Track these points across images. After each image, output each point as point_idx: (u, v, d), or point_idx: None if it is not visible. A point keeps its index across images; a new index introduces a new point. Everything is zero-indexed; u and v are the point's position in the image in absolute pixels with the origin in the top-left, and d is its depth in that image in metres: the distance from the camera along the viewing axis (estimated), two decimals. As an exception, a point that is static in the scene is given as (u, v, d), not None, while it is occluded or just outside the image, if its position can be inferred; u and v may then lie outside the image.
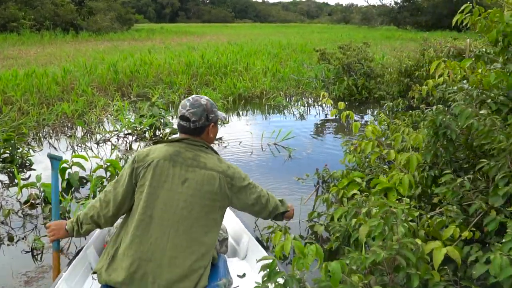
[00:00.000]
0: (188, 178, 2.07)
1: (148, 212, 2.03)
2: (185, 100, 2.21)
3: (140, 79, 10.45)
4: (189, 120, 2.14)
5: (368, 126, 3.79)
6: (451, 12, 40.76)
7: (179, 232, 2.01)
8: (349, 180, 3.62)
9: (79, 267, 2.36)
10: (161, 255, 1.97)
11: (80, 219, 2.21)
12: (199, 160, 2.12)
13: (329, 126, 7.91)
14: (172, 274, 1.95)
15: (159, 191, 2.05)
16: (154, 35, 30.15)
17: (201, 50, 15.64)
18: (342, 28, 48.85)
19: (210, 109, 2.21)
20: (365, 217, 2.59)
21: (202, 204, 2.06)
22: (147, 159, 2.11)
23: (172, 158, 2.09)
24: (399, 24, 45.08)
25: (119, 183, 2.15)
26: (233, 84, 9.87)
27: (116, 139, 6.55)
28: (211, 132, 2.25)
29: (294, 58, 14.08)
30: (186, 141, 2.17)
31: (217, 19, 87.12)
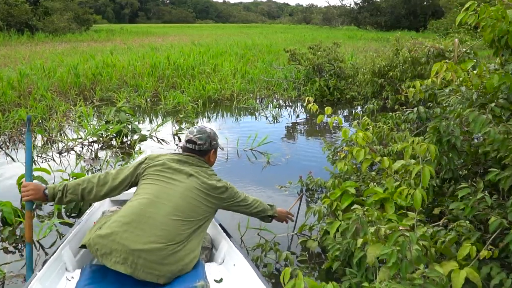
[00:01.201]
0: (192, 174, 2.42)
1: (150, 191, 2.30)
2: (192, 128, 2.66)
3: (103, 82, 9.91)
4: (195, 143, 2.57)
5: (359, 132, 3.57)
6: (408, 13, 42.07)
7: (170, 214, 2.21)
8: (342, 190, 3.38)
9: (53, 267, 2.32)
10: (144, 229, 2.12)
11: (68, 188, 2.41)
12: (202, 167, 2.52)
13: (303, 128, 7.70)
14: (144, 245, 2.07)
15: (165, 178, 2.37)
16: (114, 36, 29.19)
17: (165, 51, 15.16)
18: (304, 28, 49.11)
19: (213, 137, 2.65)
20: (372, 237, 2.35)
21: (199, 197, 2.37)
22: (157, 158, 2.50)
23: (180, 161, 2.49)
24: (359, 24, 45.77)
25: (123, 170, 2.49)
26: (202, 86, 9.50)
27: (80, 147, 6.09)
28: (211, 157, 2.67)
29: (262, 59, 13.82)
30: (192, 155, 2.55)
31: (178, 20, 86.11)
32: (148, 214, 2.18)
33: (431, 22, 35.07)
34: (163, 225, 2.15)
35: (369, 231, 2.31)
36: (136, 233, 2.09)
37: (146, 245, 2.05)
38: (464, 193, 2.31)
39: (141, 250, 2.04)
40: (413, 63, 7.17)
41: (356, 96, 9.28)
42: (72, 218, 3.90)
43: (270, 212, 2.95)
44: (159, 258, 2.07)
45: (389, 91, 7.72)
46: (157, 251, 2.06)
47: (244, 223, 3.60)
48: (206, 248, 2.68)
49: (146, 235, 2.09)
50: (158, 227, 2.14)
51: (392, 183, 3.33)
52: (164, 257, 2.08)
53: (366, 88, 8.42)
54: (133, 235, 2.08)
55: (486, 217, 2.28)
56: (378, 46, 20.25)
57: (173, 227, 2.18)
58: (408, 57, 7.11)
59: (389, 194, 3.18)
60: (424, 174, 2.18)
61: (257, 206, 2.83)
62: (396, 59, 7.57)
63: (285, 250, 3.34)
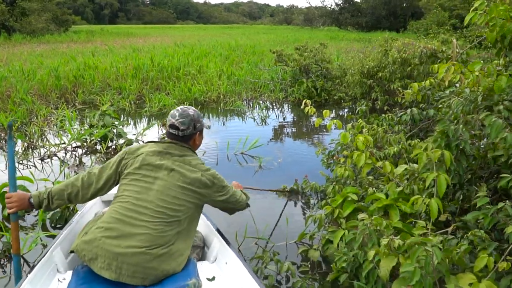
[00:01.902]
0: (173, 169, 2.25)
1: (131, 194, 2.18)
2: (174, 111, 2.40)
3: (85, 85, 9.60)
4: (178, 128, 2.35)
5: (359, 136, 3.45)
6: (389, 14, 42.48)
7: (151, 217, 2.10)
8: (343, 197, 3.25)
9: (44, 268, 2.27)
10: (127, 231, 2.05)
11: (53, 194, 2.31)
12: (184, 158, 2.32)
13: (293, 130, 7.58)
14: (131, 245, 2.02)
15: (145, 177, 2.23)
16: (94, 37, 28.66)
17: (148, 52, 14.88)
18: (285, 29, 49.14)
19: (197, 119, 2.41)
20: (384, 249, 2.23)
21: (181, 194, 2.21)
22: (137, 152, 2.33)
23: (161, 153, 2.30)
24: (340, 25, 46.01)
25: (105, 169, 2.35)
26: (188, 88, 9.30)
27: (63, 153, 5.85)
28: (197, 140, 2.48)
29: (247, 60, 13.67)
30: (174, 143, 2.36)
31: (158, 21, 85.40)
32: (128, 218, 2.11)
33: (411, 23, 35.44)
34: (144, 228, 2.08)
35: (381, 243, 2.18)
36: (118, 238, 2.04)
37: (129, 249, 2.01)
38: (483, 202, 2.20)
39: (124, 255, 2.00)
40: (402, 63, 7.11)
41: (343, 97, 9.20)
42: (58, 229, 3.69)
43: (247, 200, 2.78)
44: (143, 261, 2.02)
45: (378, 92, 7.65)
46: (140, 255, 2.02)
47: (242, 232, 3.46)
48: (198, 246, 2.63)
49: (128, 240, 2.04)
50: (139, 230, 2.07)
51: (394, 188, 3.23)
52: (148, 261, 2.03)
53: (355, 89, 8.34)
54: (115, 241, 2.04)
55: (503, 226, 2.17)
56: (360, 47, 20.34)
57: (155, 230, 2.09)
58: (397, 58, 7.04)
59: (392, 200, 3.06)
60: (439, 182, 2.06)
61: (242, 200, 2.63)
62: (385, 59, 7.51)
63: (284, 259, 3.21)
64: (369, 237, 2.49)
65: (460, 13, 30.07)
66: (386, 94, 7.71)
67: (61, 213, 3.82)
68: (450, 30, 25.99)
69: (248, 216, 3.72)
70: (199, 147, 2.56)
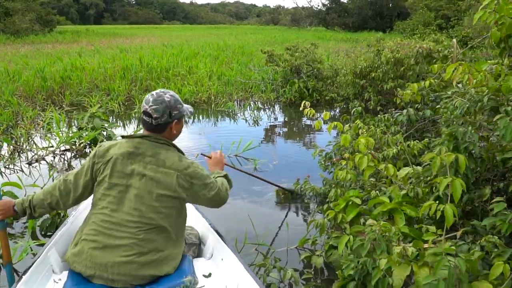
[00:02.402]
0: (145, 175, 2.06)
1: (106, 205, 2.05)
2: (149, 95, 2.15)
3: (72, 86, 9.39)
4: (151, 116, 2.10)
5: (361, 138, 3.36)
6: (375, 14, 42.77)
7: (131, 226, 2.00)
8: (346, 200, 3.15)
9: (40, 269, 2.24)
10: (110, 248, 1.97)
11: (34, 204, 2.21)
12: (158, 157, 2.10)
13: (287, 131, 7.49)
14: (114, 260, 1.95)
15: (117, 187, 2.06)
16: (80, 37, 28.27)
17: (135, 52, 14.68)
18: (272, 29, 49.06)
19: (174, 105, 2.14)
20: (397, 258, 2.14)
21: (156, 201, 2.04)
22: (107, 154, 2.11)
23: (132, 155, 2.09)
24: (327, 25, 46.14)
25: (80, 175, 2.17)
26: (178, 89, 9.15)
27: (52, 157, 5.68)
28: (174, 129, 2.19)
29: (236, 60, 13.55)
30: (147, 138, 2.13)
31: (144, 21, 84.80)
32: (109, 231, 2.02)
33: (397, 23, 35.66)
34: (127, 239, 2.00)
35: (394, 251, 2.09)
36: (104, 250, 1.99)
37: (117, 259, 1.96)
38: (500, 208, 2.12)
39: (113, 266, 1.96)
40: (395, 63, 7.07)
41: (335, 98, 9.14)
42: (48, 237, 3.54)
43: (229, 183, 2.58)
44: (132, 270, 1.97)
45: (371, 92, 7.60)
46: (128, 264, 1.97)
47: (240, 237, 3.35)
48: (194, 244, 2.57)
49: (114, 251, 1.98)
50: (122, 242, 1.99)
51: (397, 191, 3.14)
52: (137, 269, 1.98)
53: (347, 90, 8.27)
54: (102, 252, 1.98)
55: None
56: (348, 47, 20.36)
57: (139, 239, 2.01)
58: (391, 58, 7.00)
59: (397, 204, 2.98)
60: (455, 187, 1.98)
61: (226, 194, 2.41)
62: (378, 60, 7.46)
63: (285, 265, 3.11)
64: (378, 244, 2.40)
65: (446, 13, 30.35)
66: (379, 95, 7.67)
67: (52, 220, 3.68)
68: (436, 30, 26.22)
69: (247, 220, 3.63)
70: (178, 136, 2.27)
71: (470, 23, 17.16)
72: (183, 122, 2.28)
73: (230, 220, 3.85)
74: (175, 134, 2.23)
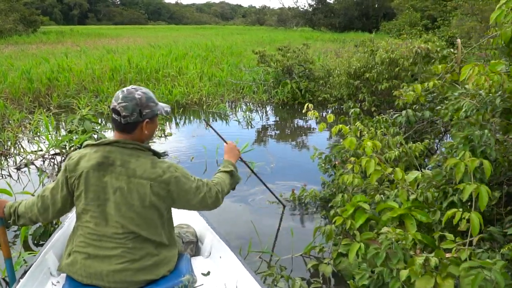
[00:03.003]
0: (119, 187, 1.94)
1: (89, 219, 1.96)
2: (119, 91, 1.99)
3: (60, 88, 9.17)
4: (119, 114, 1.93)
5: (367, 141, 3.27)
6: (361, 14, 43.00)
7: (118, 237, 1.93)
8: (353, 206, 3.05)
9: (37, 272, 2.22)
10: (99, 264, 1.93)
11: (18, 213, 2.15)
12: (128, 167, 1.94)
13: (281, 133, 7.39)
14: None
15: (96, 201, 1.95)
16: (64, 38, 27.83)
17: (123, 53, 14.46)
18: (259, 29, 48.98)
19: (145, 103, 1.96)
20: (419, 269, 2.04)
21: (135, 213, 1.93)
22: (77, 168, 1.97)
23: (102, 167, 1.94)
24: (314, 26, 46.21)
25: (56, 190, 2.06)
26: (169, 90, 8.99)
27: (41, 161, 5.49)
28: (145, 129, 2.00)
29: (226, 61, 13.41)
30: (116, 144, 1.97)
31: (129, 21, 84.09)
32: (98, 242, 1.95)
33: (383, 24, 35.87)
34: (116, 249, 1.94)
35: (415, 262, 1.99)
36: (97, 260, 1.94)
37: (111, 267, 1.92)
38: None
39: (107, 275, 1.93)
40: (390, 64, 7.02)
41: (328, 98, 9.06)
42: (41, 246, 3.38)
43: (234, 183, 2.44)
44: (128, 276, 1.94)
45: (365, 93, 7.53)
46: (123, 271, 1.93)
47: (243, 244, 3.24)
48: (191, 242, 2.52)
49: (106, 261, 1.93)
50: (113, 252, 1.94)
51: (405, 196, 3.05)
52: (132, 275, 1.95)
53: (341, 90, 8.20)
54: (95, 263, 1.94)
55: None
56: (336, 47, 20.36)
57: (129, 248, 1.95)
58: (385, 58, 6.94)
59: (407, 209, 2.88)
60: (481, 195, 1.89)
61: (222, 193, 2.25)
62: (372, 60, 7.40)
63: (290, 273, 3.01)
64: (394, 253, 2.30)
65: (432, 13, 30.60)
66: (373, 95, 7.61)
67: (44, 229, 3.53)
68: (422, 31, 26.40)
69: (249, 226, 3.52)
70: (151, 136, 2.09)
71: (458, 23, 17.22)
72: (156, 122, 2.10)
73: (232, 226, 3.73)
74: (147, 135, 2.05)
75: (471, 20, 16.76)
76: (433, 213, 2.96)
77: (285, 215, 4.04)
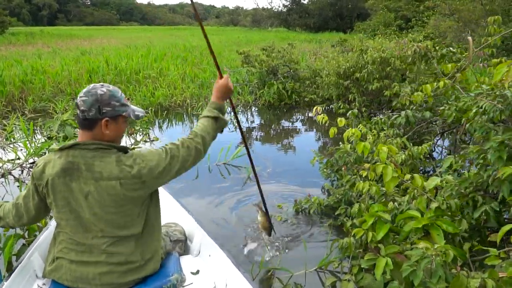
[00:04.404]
0: (89, 191, 1.85)
1: (65, 227, 1.91)
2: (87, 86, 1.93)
3: (34, 91, 8.70)
4: (79, 108, 1.85)
5: (382, 146, 3.05)
6: (335, 15, 43.27)
7: (98, 243, 1.88)
8: (373, 216, 2.83)
9: (22, 274, 2.17)
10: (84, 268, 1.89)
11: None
12: (94, 170, 1.84)
13: (271, 136, 7.16)
14: None
15: (68, 208, 1.87)
16: (34, 39, 26.89)
17: (98, 54, 13.97)
18: (233, 30, 48.69)
19: (106, 101, 1.85)
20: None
21: (112, 214, 1.86)
22: (43, 176, 1.90)
23: (67, 173, 1.85)
24: (289, 26, 46.28)
25: (28, 198, 2.01)
26: (151, 92, 8.63)
27: (19, 170, 5.09)
28: (107, 129, 1.88)
29: (207, 61, 13.10)
30: (78, 147, 1.86)
31: (100, 22, 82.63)
32: (80, 247, 1.91)
33: (357, 24, 36.15)
34: (97, 255, 1.90)
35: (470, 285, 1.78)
36: (82, 265, 1.90)
37: (97, 270, 1.89)
38: None
39: (93, 278, 1.89)
40: (381, 63, 6.87)
41: (315, 99, 8.86)
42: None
43: (218, 125, 2.23)
44: (113, 278, 1.91)
45: (356, 93, 7.37)
46: (109, 274, 1.90)
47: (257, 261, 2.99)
48: (179, 240, 2.47)
49: (91, 266, 1.89)
50: (95, 258, 1.90)
51: (424, 204, 2.86)
52: (118, 277, 1.92)
53: (329, 90, 8.01)
54: (80, 267, 1.90)
55: None
56: (313, 47, 20.28)
57: (109, 252, 1.90)
58: (377, 58, 6.78)
59: (431, 219, 2.68)
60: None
61: (204, 140, 2.10)
62: (362, 59, 7.23)
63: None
64: (435, 271, 2.09)
65: (405, 14, 30.96)
66: (363, 95, 7.46)
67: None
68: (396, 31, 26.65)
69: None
70: (116, 138, 1.94)
71: (436, 23, 17.36)
72: (122, 124, 1.94)
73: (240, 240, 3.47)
74: (110, 136, 1.90)
75: (448, 19, 16.92)
76: (458, 222, 2.78)
77: (289, 225, 3.79)
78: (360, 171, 3.23)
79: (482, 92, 3.13)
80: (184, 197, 4.24)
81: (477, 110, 3.06)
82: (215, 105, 2.27)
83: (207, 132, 2.14)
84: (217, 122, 2.22)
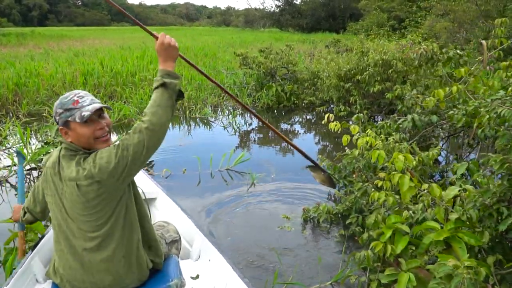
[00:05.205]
0: (63, 189, 1.86)
1: (55, 223, 1.94)
2: None
3: (29, 94, 8.51)
4: None
5: (398, 155, 2.95)
6: (328, 15, 43.31)
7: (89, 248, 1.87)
8: (390, 228, 2.73)
9: (23, 279, 2.17)
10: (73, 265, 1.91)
11: (24, 207, 2.27)
12: (64, 169, 1.86)
13: (270, 139, 7.03)
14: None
15: (53, 199, 1.91)
16: (26, 40, 26.50)
17: (92, 56, 13.77)
18: (226, 30, 48.54)
19: (55, 110, 1.87)
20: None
21: (83, 216, 1.83)
22: (45, 165, 2.00)
23: (54, 166, 1.91)
24: (281, 27, 46.25)
25: (40, 182, 2.13)
26: (148, 95, 8.48)
27: (15, 177, 4.93)
28: (66, 136, 1.87)
29: (203, 63, 12.97)
30: (60, 145, 1.94)
31: (92, 22, 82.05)
32: (71, 249, 1.91)
33: (350, 24, 36.18)
34: (93, 259, 1.90)
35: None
36: (78, 270, 1.91)
37: (95, 273, 1.91)
38: None
39: (94, 283, 1.92)
40: (383, 65, 6.78)
41: (314, 101, 8.76)
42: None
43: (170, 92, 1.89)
44: (111, 280, 1.92)
45: (357, 96, 7.28)
46: (108, 275, 1.92)
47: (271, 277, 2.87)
48: (174, 240, 2.40)
49: (89, 269, 1.91)
50: (90, 262, 1.91)
51: (442, 214, 2.76)
52: (116, 279, 1.93)
53: (330, 93, 7.92)
54: (78, 272, 1.92)
55: None
56: (307, 48, 20.24)
57: (104, 256, 1.89)
58: (379, 60, 6.70)
59: (453, 231, 2.58)
60: None
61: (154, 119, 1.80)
62: (363, 62, 7.15)
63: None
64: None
65: (398, 14, 31.04)
66: (364, 98, 7.37)
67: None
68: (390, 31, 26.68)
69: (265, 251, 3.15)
70: (81, 141, 1.83)
71: (431, 23, 17.36)
72: (78, 129, 1.82)
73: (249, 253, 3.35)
74: (74, 141, 1.86)
75: (443, 20, 16.93)
76: (480, 235, 2.68)
77: (296, 234, 3.68)
78: (375, 181, 3.12)
79: (500, 98, 3.04)
80: (185, 203, 4.12)
81: (491, 116, 2.97)
82: (160, 72, 1.96)
83: (157, 104, 1.85)
84: (167, 89, 1.90)
